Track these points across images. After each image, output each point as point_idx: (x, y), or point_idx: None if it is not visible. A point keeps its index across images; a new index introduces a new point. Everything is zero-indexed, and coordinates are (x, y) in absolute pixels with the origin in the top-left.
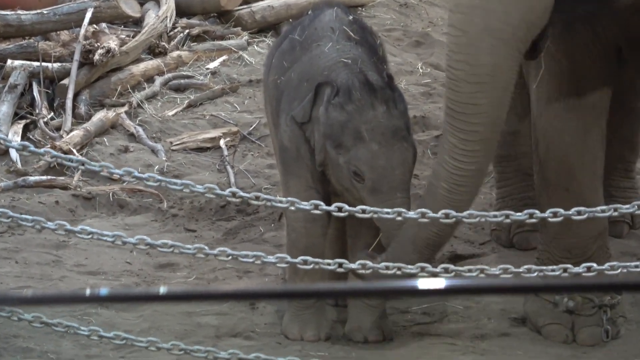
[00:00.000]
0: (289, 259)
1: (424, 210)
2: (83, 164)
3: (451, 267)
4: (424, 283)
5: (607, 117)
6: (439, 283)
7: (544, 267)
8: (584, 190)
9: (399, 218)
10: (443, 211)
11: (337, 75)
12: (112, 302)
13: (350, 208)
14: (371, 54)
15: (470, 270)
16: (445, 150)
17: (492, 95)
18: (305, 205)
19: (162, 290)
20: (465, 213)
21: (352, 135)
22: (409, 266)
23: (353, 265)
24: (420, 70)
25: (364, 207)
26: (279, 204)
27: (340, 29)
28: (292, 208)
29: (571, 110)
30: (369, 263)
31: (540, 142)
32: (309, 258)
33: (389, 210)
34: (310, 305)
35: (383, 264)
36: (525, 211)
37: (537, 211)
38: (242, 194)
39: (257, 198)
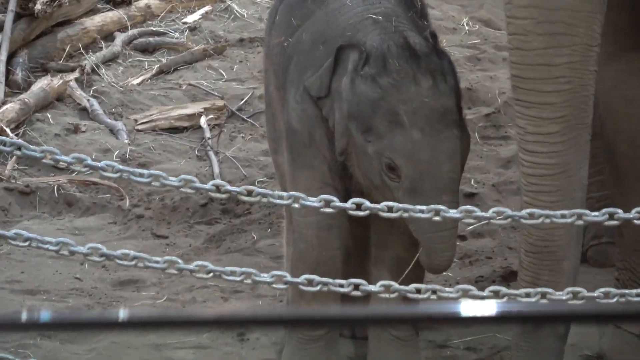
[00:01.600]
0: (288, 277)
1: (469, 207)
2: (19, 148)
3: (503, 289)
4: (468, 308)
5: None
6: (488, 309)
7: (626, 291)
8: None
9: (437, 218)
10: (494, 209)
11: (366, 36)
12: (55, 330)
13: (373, 205)
14: (407, 6)
15: (528, 295)
16: (517, 139)
17: (572, 52)
18: (313, 201)
19: (122, 315)
20: (523, 212)
21: (386, 117)
22: (448, 289)
23: (373, 287)
24: (466, 28)
25: (391, 203)
26: (278, 201)
27: None
28: (296, 205)
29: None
30: (394, 284)
31: (607, 121)
32: (316, 277)
33: (423, 207)
34: (318, 336)
35: (413, 285)
36: (604, 210)
37: (620, 211)
38: (229, 187)
39: (249, 193)
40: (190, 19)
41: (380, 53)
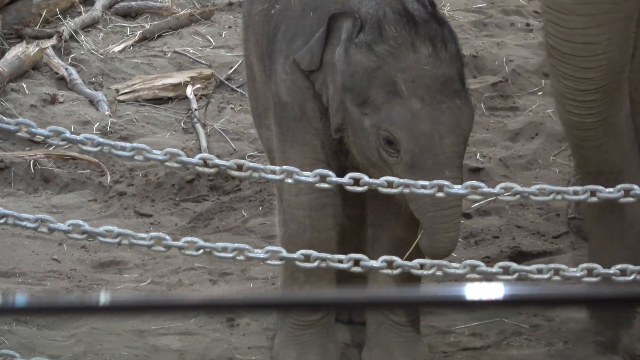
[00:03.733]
0: (284, 253)
1: (474, 182)
2: None
3: (514, 265)
4: (474, 291)
5: None
6: (496, 291)
7: None
8: None
9: (440, 194)
10: (501, 185)
11: (360, 2)
12: (32, 315)
13: (372, 180)
14: None
15: (539, 271)
16: (554, 97)
17: (612, 30)
18: (308, 176)
19: (104, 299)
20: (533, 188)
21: (383, 87)
22: (454, 264)
23: (374, 263)
24: None
25: (390, 178)
26: (271, 176)
27: None
28: (290, 180)
29: None
30: (398, 260)
31: (637, 97)
32: (313, 252)
33: (425, 183)
34: (312, 322)
35: (417, 261)
36: (619, 186)
37: (636, 186)
38: (217, 161)
39: (239, 167)
40: None
41: (376, 19)
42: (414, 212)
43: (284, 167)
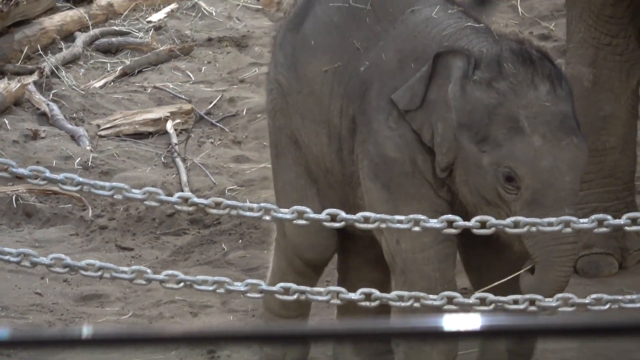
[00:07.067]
0: (263, 286)
1: (601, 216)
2: None
3: (490, 296)
4: (452, 322)
5: None
6: (472, 322)
7: (619, 297)
8: None
9: (568, 229)
10: (476, 218)
11: (470, 43)
12: (14, 348)
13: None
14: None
15: (515, 302)
16: None
17: None
18: (284, 213)
19: (86, 332)
20: (507, 220)
21: (505, 124)
22: (431, 296)
23: (353, 295)
24: None
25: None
26: (248, 213)
27: None
28: (267, 218)
29: None
30: (375, 292)
31: None
32: (292, 286)
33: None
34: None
35: (395, 293)
36: (593, 217)
37: (609, 217)
38: (196, 200)
39: (217, 205)
40: (155, 17)
41: (494, 57)
42: (528, 248)
43: (262, 204)
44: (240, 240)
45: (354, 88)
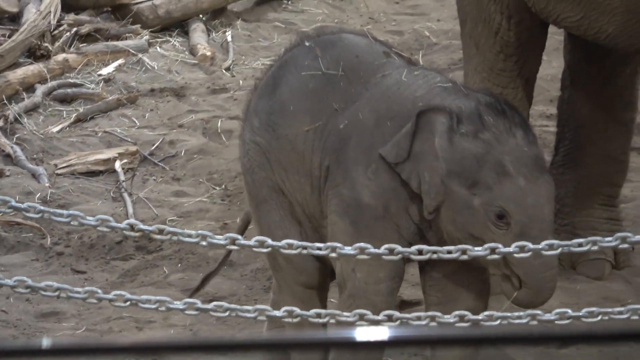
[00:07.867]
0: (199, 304)
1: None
2: None
3: (396, 314)
4: (363, 333)
5: None
6: (380, 333)
7: (508, 314)
8: None
9: (551, 253)
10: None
11: (444, 100)
12: None
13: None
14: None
15: (418, 318)
16: None
17: None
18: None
19: (45, 343)
20: (555, 242)
21: (493, 169)
22: (345, 313)
23: (277, 313)
24: None
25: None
26: (187, 239)
27: (391, 52)
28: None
29: None
30: (296, 310)
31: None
32: (224, 304)
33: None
34: None
35: (313, 311)
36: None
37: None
38: (142, 226)
39: (160, 232)
40: (105, 71)
41: (473, 111)
42: (521, 276)
43: (200, 231)
44: (179, 264)
45: (332, 143)
